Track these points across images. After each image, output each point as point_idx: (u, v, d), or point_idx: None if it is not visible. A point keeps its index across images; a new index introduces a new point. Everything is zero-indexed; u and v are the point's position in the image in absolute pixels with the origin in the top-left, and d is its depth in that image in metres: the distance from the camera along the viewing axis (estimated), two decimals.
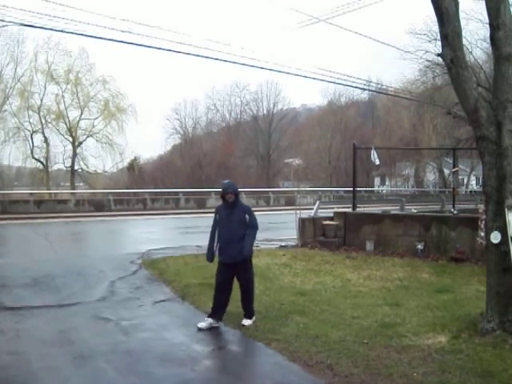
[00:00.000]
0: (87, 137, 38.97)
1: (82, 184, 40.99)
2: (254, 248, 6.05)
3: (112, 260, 10.03)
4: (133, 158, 45.06)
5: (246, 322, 5.86)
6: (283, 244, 12.27)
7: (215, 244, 5.97)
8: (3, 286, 7.88)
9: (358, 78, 25.60)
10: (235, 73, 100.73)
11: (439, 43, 6.36)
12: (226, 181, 6.27)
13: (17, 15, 11.63)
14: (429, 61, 25.40)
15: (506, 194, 5.21)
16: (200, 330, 5.67)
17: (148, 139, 77.03)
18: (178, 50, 13.14)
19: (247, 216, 5.88)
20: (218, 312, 5.86)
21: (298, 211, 12.38)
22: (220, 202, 6.10)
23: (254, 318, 5.96)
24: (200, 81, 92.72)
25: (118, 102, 38.68)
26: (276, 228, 17.39)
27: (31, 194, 27.54)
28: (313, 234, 12.10)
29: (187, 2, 74.52)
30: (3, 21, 11.78)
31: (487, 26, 5.60)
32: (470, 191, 40.08)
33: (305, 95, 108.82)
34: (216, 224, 5.98)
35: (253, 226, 5.89)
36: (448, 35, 5.45)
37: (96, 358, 4.78)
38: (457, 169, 16.18)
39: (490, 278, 5.42)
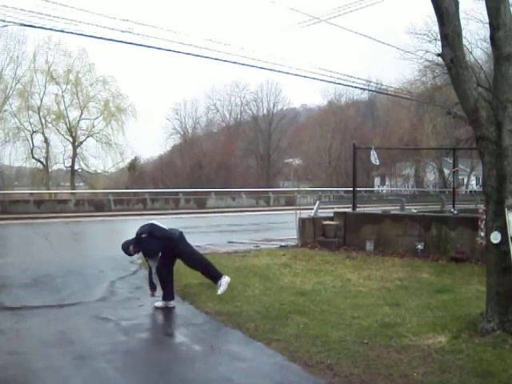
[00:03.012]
0: (87, 137, 39.02)
1: (82, 184, 41.02)
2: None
3: (112, 260, 10.01)
4: (133, 158, 45.10)
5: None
6: (283, 244, 12.25)
7: None
8: (3, 285, 7.88)
9: (358, 78, 25.51)
10: (235, 73, 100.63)
11: (439, 43, 6.35)
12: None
13: (17, 15, 11.58)
14: (429, 61, 25.47)
15: (506, 193, 5.20)
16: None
17: (148, 139, 77.26)
18: (177, 50, 13.12)
19: None
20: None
21: (298, 211, 12.37)
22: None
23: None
24: (200, 81, 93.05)
25: (118, 102, 38.77)
26: (276, 228, 17.42)
27: (31, 193, 27.57)
28: (313, 234, 12.09)
29: (187, 2, 74.58)
30: (3, 21, 11.76)
31: (487, 25, 5.59)
32: (470, 191, 40.10)
33: (305, 95, 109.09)
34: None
35: None
36: (448, 35, 5.44)
37: (96, 358, 4.77)
38: (457, 169, 16.17)
39: (490, 278, 5.41)
